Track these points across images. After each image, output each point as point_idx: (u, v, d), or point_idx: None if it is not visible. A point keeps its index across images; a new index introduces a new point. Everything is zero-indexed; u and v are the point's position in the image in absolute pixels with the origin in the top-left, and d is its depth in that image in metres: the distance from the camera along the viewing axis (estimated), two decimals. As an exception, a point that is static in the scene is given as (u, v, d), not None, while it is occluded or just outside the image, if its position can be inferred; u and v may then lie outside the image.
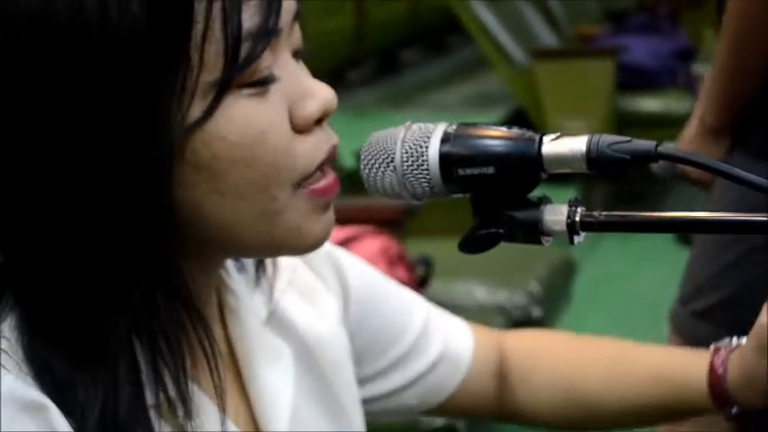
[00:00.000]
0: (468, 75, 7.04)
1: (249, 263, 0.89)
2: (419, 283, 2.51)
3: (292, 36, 0.76)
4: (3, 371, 0.70)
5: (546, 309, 2.63)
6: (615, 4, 5.91)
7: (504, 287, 2.61)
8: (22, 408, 0.69)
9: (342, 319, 0.95)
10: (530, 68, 4.70)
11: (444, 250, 2.61)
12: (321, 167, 0.76)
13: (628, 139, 0.70)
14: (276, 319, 0.89)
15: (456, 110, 6.04)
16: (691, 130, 1.77)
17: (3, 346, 0.71)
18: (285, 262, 0.92)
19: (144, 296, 0.72)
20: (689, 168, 1.81)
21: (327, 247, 0.95)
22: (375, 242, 2.39)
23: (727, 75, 1.70)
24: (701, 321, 1.81)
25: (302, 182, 0.75)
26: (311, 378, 0.90)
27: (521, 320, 2.56)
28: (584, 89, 4.57)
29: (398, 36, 7.24)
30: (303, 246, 0.77)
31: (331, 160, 0.77)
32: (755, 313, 1.83)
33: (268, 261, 0.90)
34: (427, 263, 2.53)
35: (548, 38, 5.14)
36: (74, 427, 0.70)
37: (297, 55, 0.77)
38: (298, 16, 0.76)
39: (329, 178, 0.77)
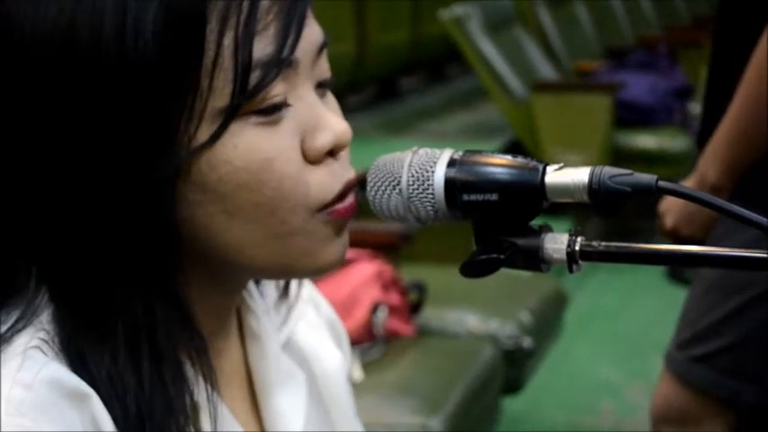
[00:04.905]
0: (466, 104, 7.08)
1: (270, 289, 0.91)
2: (412, 309, 2.53)
3: (317, 68, 0.77)
4: (46, 359, 0.71)
5: (536, 339, 2.64)
6: (615, 41, 5.95)
7: (495, 316, 2.63)
8: (66, 395, 0.70)
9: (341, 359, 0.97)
10: (528, 101, 4.73)
11: (438, 277, 2.63)
12: (340, 197, 0.77)
13: (629, 172, 0.71)
14: (292, 346, 0.91)
15: (454, 138, 6.07)
16: (689, 184, 1.78)
17: (43, 337, 0.72)
18: (303, 295, 0.93)
19: (144, 308, 0.73)
20: (680, 226, 1.83)
21: (331, 313, 0.97)
22: (370, 266, 2.41)
23: (738, 139, 1.71)
24: (700, 366, 1.83)
25: (322, 209, 0.76)
26: (316, 407, 0.91)
27: (511, 350, 2.58)
28: (581, 123, 4.60)
29: (399, 64, 7.27)
30: (315, 268, 0.78)
31: (348, 191, 0.78)
32: (756, 361, 1.85)
33: (291, 288, 0.91)
34: (421, 288, 2.55)
35: (547, 71, 5.17)
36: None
37: (323, 86, 0.78)
38: (324, 47, 0.77)
39: (347, 201, 0.78)
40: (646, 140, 4.69)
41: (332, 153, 0.77)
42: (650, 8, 6.67)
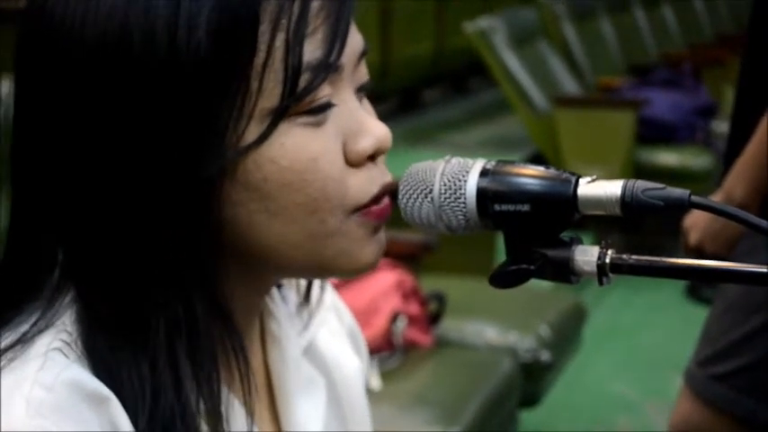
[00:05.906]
0: (488, 117, 7.08)
1: (292, 294, 0.91)
2: (431, 319, 2.53)
3: (357, 73, 0.78)
4: (67, 361, 0.72)
5: (555, 353, 2.63)
6: (639, 58, 5.94)
7: (514, 329, 2.62)
8: (86, 397, 0.70)
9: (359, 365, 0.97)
10: (551, 115, 4.72)
11: (458, 288, 2.63)
12: (375, 200, 0.78)
13: (662, 186, 0.71)
14: (312, 352, 0.91)
15: (475, 151, 6.07)
16: (715, 199, 1.77)
17: (65, 339, 0.73)
18: (325, 301, 0.94)
19: (185, 306, 0.74)
20: (704, 242, 1.82)
21: (352, 321, 0.98)
22: (391, 275, 2.41)
23: (766, 159, 1.71)
24: (720, 385, 1.83)
25: (356, 211, 0.77)
26: (335, 412, 0.92)
27: (529, 363, 2.57)
28: (603, 139, 4.59)
29: (422, 75, 7.28)
30: (352, 268, 0.79)
31: (384, 195, 0.79)
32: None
33: (313, 293, 0.92)
34: (441, 299, 2.54)
35: (570, 86, 5.16)
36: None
37: (361, 90, 0.79)
38: (364, 54, 0.79)
39: (382, 203, 0.78)
40: (668, 158, 4.67)
41: (372, 157, 0.77)
42: (674, 24, 6.66)
